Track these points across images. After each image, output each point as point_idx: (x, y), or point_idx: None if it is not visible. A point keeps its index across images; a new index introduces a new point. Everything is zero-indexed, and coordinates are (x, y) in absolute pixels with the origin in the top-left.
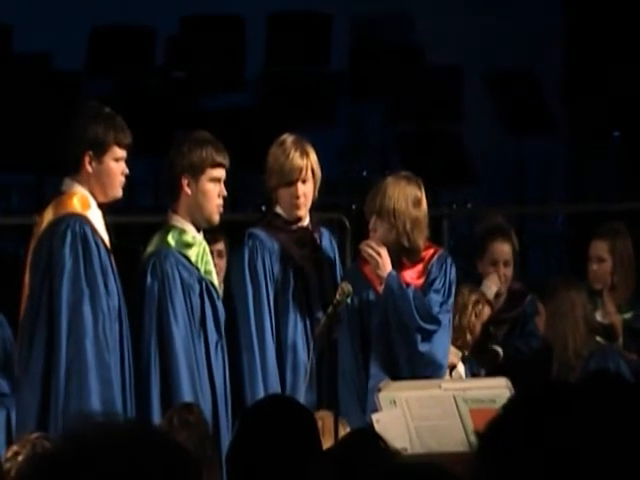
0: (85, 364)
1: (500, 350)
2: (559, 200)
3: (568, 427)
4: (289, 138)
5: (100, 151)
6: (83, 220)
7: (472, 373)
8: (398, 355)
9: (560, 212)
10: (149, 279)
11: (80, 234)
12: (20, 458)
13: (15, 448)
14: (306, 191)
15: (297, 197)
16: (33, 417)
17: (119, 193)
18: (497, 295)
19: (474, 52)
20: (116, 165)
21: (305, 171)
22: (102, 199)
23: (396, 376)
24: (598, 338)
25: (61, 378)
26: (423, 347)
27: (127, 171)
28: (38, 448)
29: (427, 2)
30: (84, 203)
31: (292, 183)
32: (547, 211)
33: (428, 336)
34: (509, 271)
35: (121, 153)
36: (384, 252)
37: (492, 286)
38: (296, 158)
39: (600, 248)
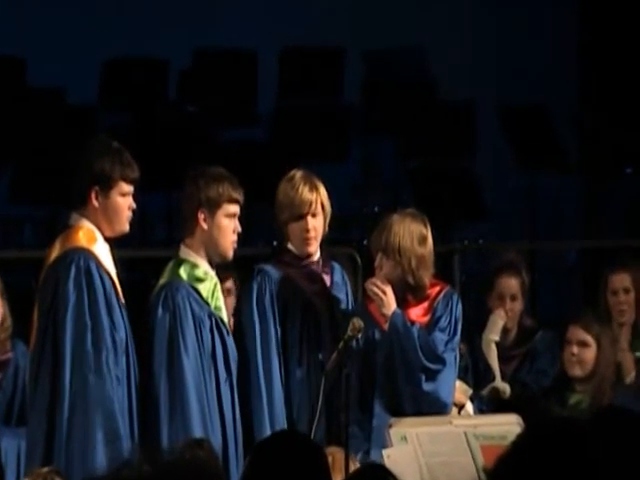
0: (88, 398)
1: (506, 388)
2: (571, 236)
3: (577, 464)
4: (298, 173)
5: (106, 186)
6: (88, 254)
7: (480, 410)
8: (402, 394)
9: (572, 248)
10: (160, 311)
11: (84, 268)
12: None
13: None
14: (316, 225)
15: (307, 230)
16: (40, 449)
17: (126, 228)
18: (505, 330)
19: (487, 87)
20: (123, 200)
21: (315, 205)
22: (109, 233)
23: (400, 415)
24: None
25: (65, 411)
26: (427, 386)
27: (134, 206)
28: None
29: (440, 36)
30: (90, 237)
31: (302, 217)
32: (559, 247)
33: (433, 375)
34: (517, 306)
35: (127, 188)
36: (389, 290)
37: (498, 321)
38: (305, 192)
39: (625, 280)
